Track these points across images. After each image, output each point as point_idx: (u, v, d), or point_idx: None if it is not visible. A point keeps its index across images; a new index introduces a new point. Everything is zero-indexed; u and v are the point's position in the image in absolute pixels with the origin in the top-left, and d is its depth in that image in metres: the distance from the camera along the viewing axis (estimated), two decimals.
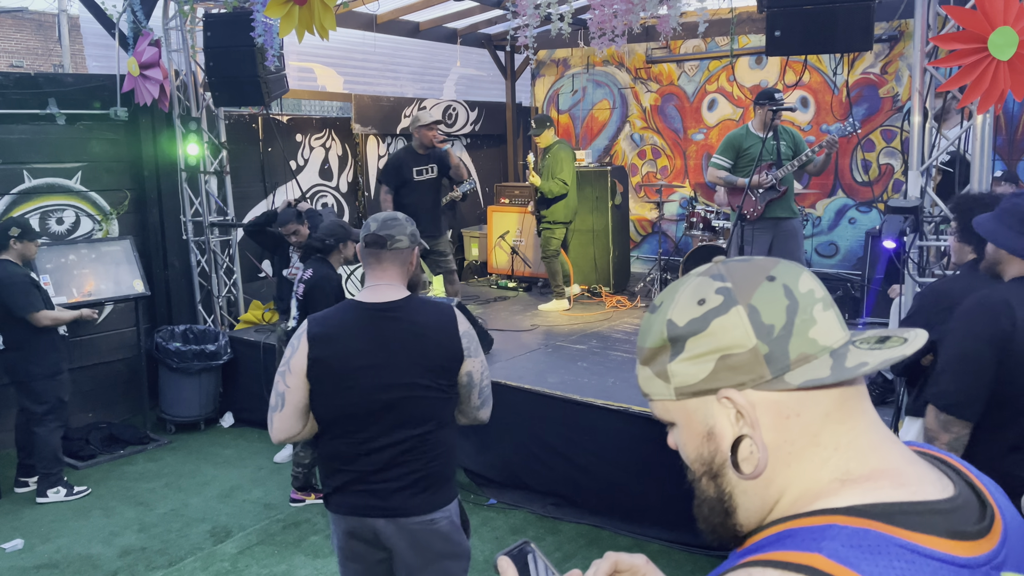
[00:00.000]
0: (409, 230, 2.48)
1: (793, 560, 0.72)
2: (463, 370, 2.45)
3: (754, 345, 0.80)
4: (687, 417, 0.86)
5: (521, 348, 5.86)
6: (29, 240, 4.90)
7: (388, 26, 7.90)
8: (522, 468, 4.83)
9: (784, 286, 0.82)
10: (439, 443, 2.45)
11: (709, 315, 0.81)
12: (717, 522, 0.86)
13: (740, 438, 0.82)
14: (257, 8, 5.03)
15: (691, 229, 7.30)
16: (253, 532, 4.50)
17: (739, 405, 0.81)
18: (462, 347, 2.43)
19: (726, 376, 0.81)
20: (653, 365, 0.87)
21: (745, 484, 0.83)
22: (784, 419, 0.81)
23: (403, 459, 2.41)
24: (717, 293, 0.82)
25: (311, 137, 7.83)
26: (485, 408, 2.56)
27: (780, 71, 7.97)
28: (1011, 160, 6.91)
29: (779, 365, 0.79)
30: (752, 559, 0.77)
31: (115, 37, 6.15)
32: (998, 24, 3.50)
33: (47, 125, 5.91)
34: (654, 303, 0.90)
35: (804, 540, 0.74)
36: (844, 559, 0.70)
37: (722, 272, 0.85)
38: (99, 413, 6.21)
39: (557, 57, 9.53)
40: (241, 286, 6.91)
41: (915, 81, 4.23)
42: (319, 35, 4.38)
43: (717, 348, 0.81)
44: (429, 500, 2.44)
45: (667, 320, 0.84)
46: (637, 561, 1.12)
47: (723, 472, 0.84)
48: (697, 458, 0.87)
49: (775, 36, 4.33)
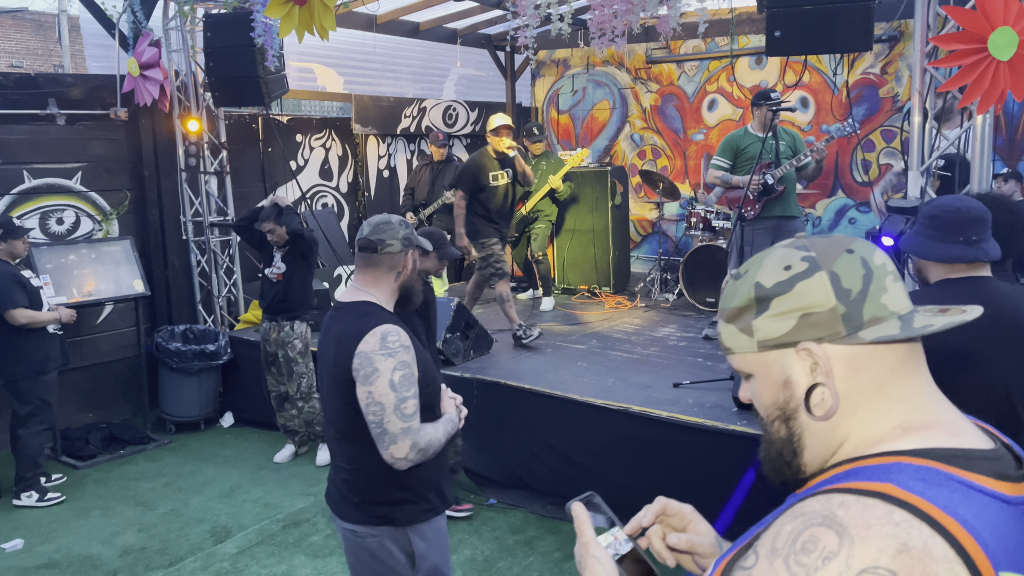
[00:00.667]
0: (402, 234, 2.40)
1: (867, 488, 0.82)
2: (358, 392, 2.25)
3: (833, 305, 0.91)
4: (765, 368, 0.97)
5: (521, 348, 5.86)
6: (14, 238, 4.83)
7: (388, 26, 7.90)
8: (522, 468, 4.83)
9: (861, 258, 0.93)
10: (352, 457, 2.36)
11: (795, 279, 0.93)
12: (785, 461, 0.98)
13: (813, 386, 0.93)
14: (257, 8, 5.03)
15: (691, 229, 7.30)
16: (253, 532, 4.50)
17: (816, 356, 0.92)
18: (351, 367, 2.24)
19: (806, 331, 0.92)
20: (738, 322, 0.98)
21: (815, 426, 0.94)
22: (855, 371, 0.92)
23: (334, 459, 2.48)
24: (802, 260, 0.94)
25: (311, 137, 7.84)
26: (379, 446, 2.24)
27: (780, 71, 7.97)
28: (1011, 160, 6.91)
29: (854, 324, 0.91)
30: (826, 489, 0.86)
31: (115, 37, 6.15)
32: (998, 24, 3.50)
33: (47, 125, 5.91)
34: (739, 271, 1.01)
35: (874, 473, 0.85)
36: (912, 488, 0.80)
37: (806, 244, 0.96)
38: (99, 413, 6.21)
39: (557, 57, 9.53)
40: (241, 286, 6.91)
41: (915, 81, 4.23)
42: (319, 35, 4.38)
43: (800, 307, 0.92)
44: (350, 510, 2.39)
45: (755, 282, 0.96)
46: (685, 509, 1.24)
47: (796, 416, 0.95)
48: (772, 403, 0.98)
49: (775, 36, 4.34)
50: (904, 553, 0.75)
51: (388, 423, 2.21)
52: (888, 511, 0.79)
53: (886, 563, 0.75)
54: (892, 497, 0.80)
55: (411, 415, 2.23)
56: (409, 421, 2.23)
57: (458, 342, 5.46)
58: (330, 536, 4.41)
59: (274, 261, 5.24)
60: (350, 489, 2.38)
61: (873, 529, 0.78)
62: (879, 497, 0.80)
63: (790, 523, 0.83)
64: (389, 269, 2.40)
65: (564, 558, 4.15)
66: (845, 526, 0.79)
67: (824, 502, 0.83)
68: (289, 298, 5.21)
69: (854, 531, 0.78)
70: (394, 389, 2.21)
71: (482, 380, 5.01)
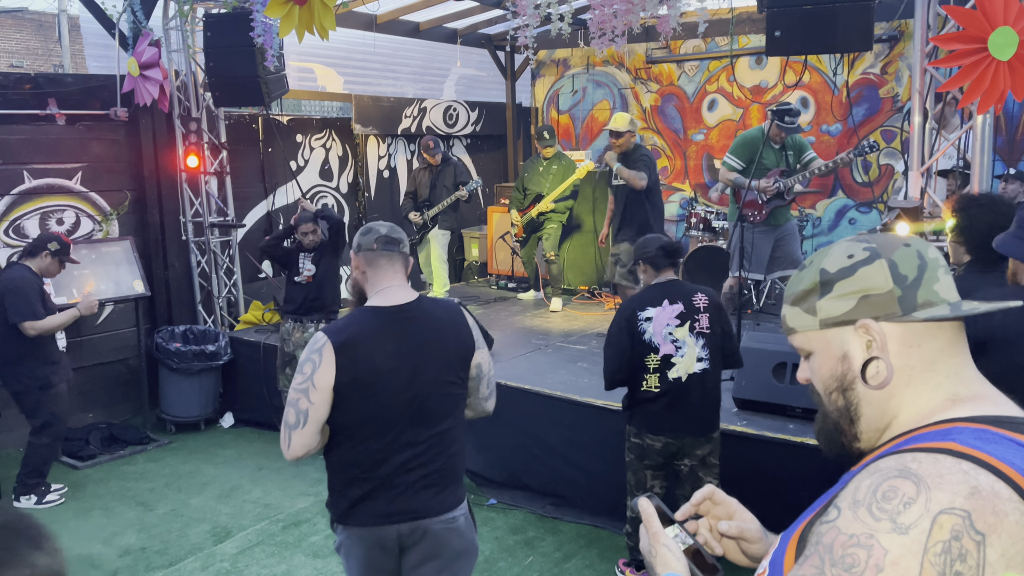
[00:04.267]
0: (405, 236, 2.58)
1: (934, 446, 0.92)
2: (474, 361, 2.50)
3: (891, 288, 1.03)
4: (825, 344, 1.09)
5: (521, 348, 5.86)
6: (60, 260, 4.86)
7: (388, 26, 7.90)
8: (522, 468, 4.83)
9: (917, 251, 1.06)
10: (456, 439, 2.49)
11: (856, 265, 1.06)
12: (842, 429, 1.08)
13: (869, 360, 1.04)
14: (257, 8, 5.03)
15: (691, 229, 7.30)
16: (253, 532, 4.50)
17: (873, 331, 1.03)
18: (473, 339, 2.50)
19: (865, 310, 1.04)
20: (803, 304, 1.10)
21: (871, 395, 1.05)
22: (908, 347, 1.03)
23: (424, 459, 2.40)
24: (864, 250, 1.07)
25: (311, 137, 7.83)
26: (492, 398, 2.61)
27: (780, 71, 7.97)
28: (1011, 160, 6.91)
29: (908, 305, 1.03)
30: (896, 451, 0.95)
31: (115, 37, 6.15)
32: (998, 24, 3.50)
33: (47, 125, 5.90)
34: (803, 263, 1.14)
35: (935, 436, 0.95)
36: (973, 445, 0.90)
37: (867, 238, 1.09)
38: (99, 413, 6.21)
39: (557, 57, 9.53)
40: (241, 286, 6.91)
41: (915, 81, 4.23)
42: (319, 35, 4.38)
43: (860, 289, 1.05)
44: (449, 499, 2.46)
45: (820, 268, 1.08)
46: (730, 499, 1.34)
47: (853, 387, 1.06)
48: (831, 376, 1.08)
49: (775, 36, 4.34)
50: (975, 495, 0.85)
51: (494, 380, 2.61)
52: (956, 462, 0.88)
53: (960, 503, 0.84)
54: (957, 452, 0.90)
55: None
56: None
57: None
58: (330, 536, 4.40)
59: (303, 265, 5.41)
60: (451, 473, 2.47)
61: (945, 477, 0.87)
62: (946, 453, 0.90)
63: (868, 479, 0.92)
64: (405, 266, 2.54)
65: (564, 558, 4.15)
66: (920, 476, 0.88)
67: (897, 459, 0.92)
68: (323, 296, 5.46)
69: (929, 479, 0.87)
70: None
71: None
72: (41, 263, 4.81)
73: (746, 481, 4.01)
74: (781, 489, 3.83)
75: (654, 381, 3.57)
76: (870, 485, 0.91)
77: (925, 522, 0.85)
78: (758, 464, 4.01)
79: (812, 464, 3.74)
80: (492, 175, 9.54)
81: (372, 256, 2.44)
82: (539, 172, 7.18)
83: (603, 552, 4.22)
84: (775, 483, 3.88)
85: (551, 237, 7.19)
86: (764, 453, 4.01)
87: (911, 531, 0.85)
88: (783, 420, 4.20)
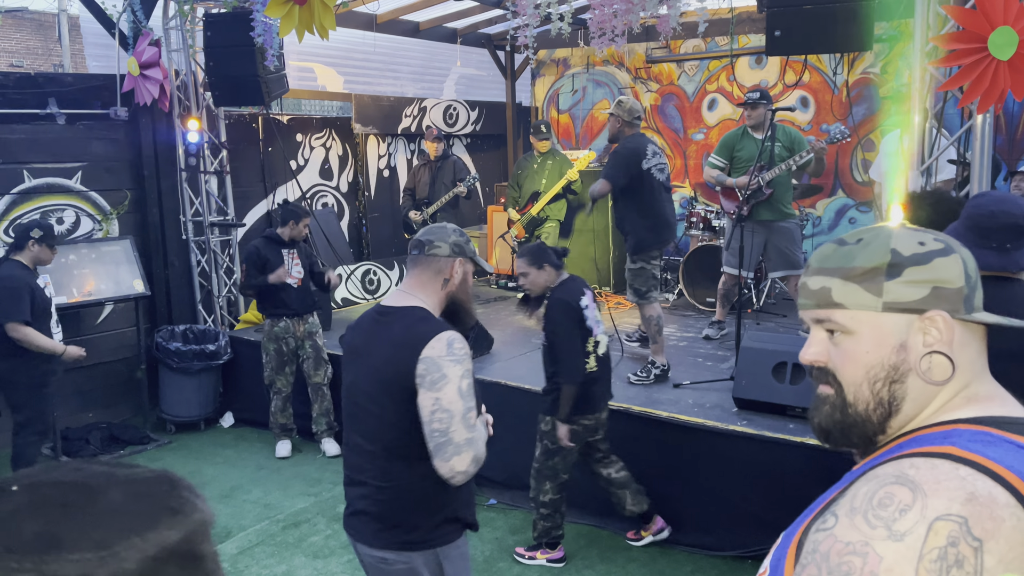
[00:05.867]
0: (452, 239, 2.31)
1: (932, 451, 0.92)
2: (418, 400, 2.14)
3: (961, 286, 1.02)
4: (877, 329, 1.03)
5: (521, 348, 5.86)
6: (48, 245, 4.72)
7: (388, 26, 7.90)
8: (522, 468, 4.81)
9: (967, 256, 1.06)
10: (392, 475, 2.20)
11: (932, 254, 1.02)
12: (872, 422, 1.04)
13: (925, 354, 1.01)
14: (257, 8, 5.03)
15: (691, 229, 7.29)
16: (253, 532, 4.50)
17: (944, 325, 1.01)
18: (415, 371, 2.12)
19: (936, 302, 1.01)
20: (864, 282, 1.03)
21: (921, 389, 1.02)
22: (963, 347, 1.03)
23: (361, 477, 2.27)
24: (937, 240, 1.04)
25: (311, 137, 7.83)
26: (440, 457, 2.11)
27: (780, 71, 7.97)
28: (1011, 160, 6.90)
29: (970, 305, 1.03)
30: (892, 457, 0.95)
31: (115, 37, 6.15)
32: (998, 24, 3.50)
33: (47, 125, 5.90)
34: (844, 238, 1.09)
35: (935, 439, 0.96)
36: (971, 448, 0.91)
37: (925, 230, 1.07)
38: (99, 413, 6.20)
39: (557, 57, 9.52)
40: None
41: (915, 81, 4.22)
42: (319, 35, 4.38)
43: (935, 279, 1.01)
44: (379, 535, 2.22)
45: (891, 248, 1.03)
46: None
47: (905, 379, 1.02)
48: (879, 364, 1.03)
49: (775, 36, 4.34)
50: (972, 501, 0.85)
51: (454, 432, 2.10)
52: (954, 467, 0.88)
53: (957, 509, 0.84)
54: (956, 456, 0.90)
55: (474, 425, 2.16)
56: (473, 432, 2.14)
57: None
58: (330, 536, 4.41)
59: (291, 270, 5.51)
60: (385, 511, 2.22)
61: (942, 483, 0.87)
62: (944, 457, 0.90)
63: (865, 485, 0.92)
64: (435, 274, 2.30)
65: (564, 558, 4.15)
66: (917, 482, 0.88)
67: (895, 466, 0.92)
68: (311, 293, 5.64)
69: (925, 486, 0.87)
70: (462, 397, 2.13)
71: (482, 380, 4.99)
72: (30, 254, 4.68)
73: (746, 481, 4.02)
74: (781, 489, 3.83)
75: (592, 362, 3.92)
76: (867, 492, 0.90)
77: (921, 528, 0.84)
78: (758, 464, 4.01)
79: (812, 464, 3.74)
80: (492, 174, 9.54)
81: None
82: (534, 169, 7.18)
83: (603, 552, 4.22)
84: (775, 483, 3.89)
85: (551, 236, 7.19)
86: (764, 453, 4.01)
87: (906, 538, 0.84)
88: (783, 420, 4.20)
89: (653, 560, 4.11)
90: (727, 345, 5.83)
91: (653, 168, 5.10)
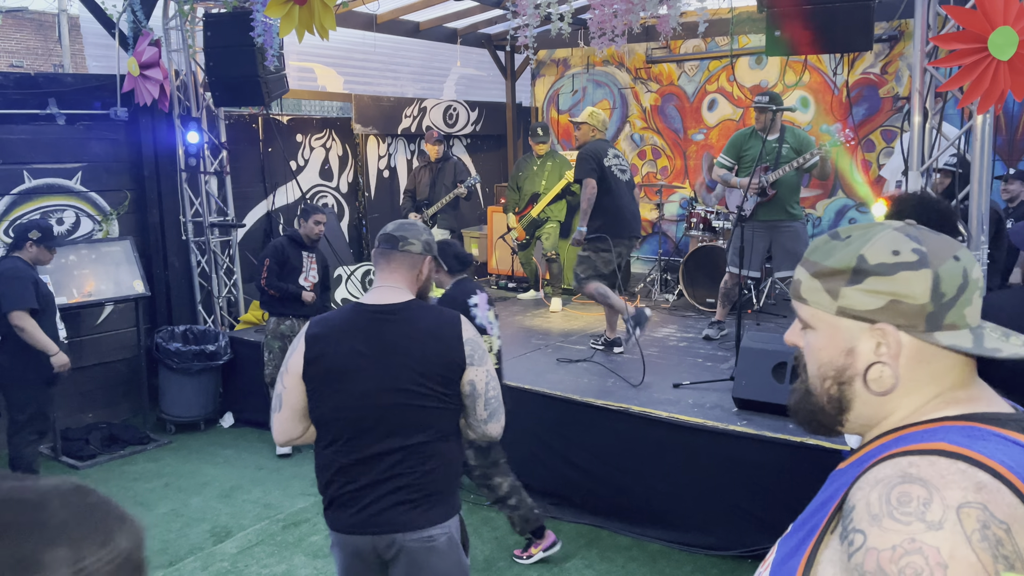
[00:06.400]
0: (424, 237, 2.39)
1: (925, 448, 0.92)
2: (465, 379, 2.33)
3: (925, 303, 0.98)
4: (832, 330, 1.04)
5: (521, 348, 5.86)
6: (46, 246, 4.74)
7: (388, 26, 7.90)
8: (522, 468, 4.81)
9: (964, 268, 0.99)
10: (436, 455, 2.33)
11: (900, 266, 0.99)
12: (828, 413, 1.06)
13: (873, 363, 1.01)
14: (257, 8, 5.03)
15: (691, 229, 7.30)
16: (253, 532, 4.50)
17: (890, 338, 0.99)
18: (464, 354, 2.31)
19: (890, 315, 0.99)
20: (826, 282, 1.04)
21: (867, 396, 1.03)
22: (919, 363, 1.00)
23: (398, 470, 2.29)
24: (913, 252, 0.99)
25: (311, 137, 7.83)
26: (493, 422, 2.40)
27: (780, 71, 7.96)
28: (1011, 160, 6.90)
29: (934, 323, 0.98)
30: (884, 456, 0.94)
31: (115, 37, 6.15)
32: (998, 24, 3.50)
33: (47, 125, 5.90)
34: (838, 232, 1.07)
35: (924, 436, 0.95)
36: (961, 443, 0.90)
37: (918, 236, 1.01)
38: (99, 413, 6.20)
39: (557, 57, 9.52)
40: (241, 286, 6.91)
41: (915, 81, 4.22)
42: (319, 35, 4.38)
43: (895, 292, 0.99)
44: (425, 515, 2.32)
45: (859, 254, 1.01)
46: None
47: (851, 383, 1.03)
48: (830, 364, 1.05)
49: (775, 36, 4.33)
50: (983, 489, 0.85)
51: (499, 400, 2.41)
52: (951, 462, 0.88)
53: (973, 497, 0.84)
54: (949, 452, 0.90)
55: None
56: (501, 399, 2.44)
57: None
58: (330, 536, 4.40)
59: (309, 274, 5.60)
60: (433, 491, 2.32)
61: (947, 477, 0.87)
62: (938, 453, 0.90)
63: (872, 491, 0.90)
64: (410, 269, 2.38)
65: (564, 558, 4.15)
66: (925, 479, 0.87)
67: (893, 466, 0.91)
68: (321, 297, 5.75)
69: (932, 480, 0.87)
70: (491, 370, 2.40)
71: None
72: (29, 254, 4.71)
73: (746, 481, 4.02)
74: (781, 489, 3.83)
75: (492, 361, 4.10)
76: (879, 496, 0.88)
77: (951, 515, 0.83)
78: (758, 464, 4.01)
79: (812, 464, 3.74)
80: (492, 175, 9.54)
81: (374, 254, 2.44)
82: (533, 171, 7.19)
83: (603, 552, 4.22)
84: (775, 483, 3.89)
85: (551, 236, 7.20)
86: (764, 453, 4.01)
87: (945, 524, 0.83)
88: (783, 420, 4.20)
89: (653, 560, 4.11)
90: (727, 345, 5.83)
91: (614, 167, 5.58)
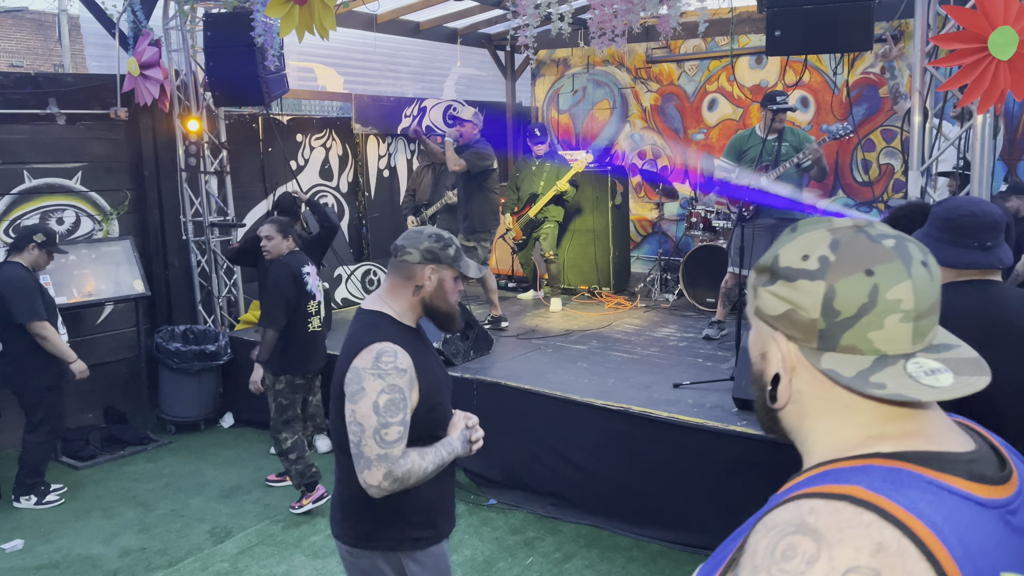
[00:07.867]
0: (424, 246, 2.26)
1: (835, 491, 0.83)
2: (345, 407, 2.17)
3: (816, 318, 0.89)
4: (757, 330, 0.99)
5: (521, 348, 5.86)
6: (48, 251, 4.82)
7: (388, 26, 7.90)
8: (522, 468, 4.83)
9: (875, 286, 0.87)
10: (345, 471, 2.24)
11: (801, 273, 0.91)
12: (764, 420, 1.02)
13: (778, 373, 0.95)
14: (257, 8, 5.03)
15: (691, 229, 7.30)
16: (253, 532, 4.50)
17: (783, 351, 0.93)
18: (344, 380, 2.16)
19: (786, 325, 0.93)
20: (756, 279, 0.98)
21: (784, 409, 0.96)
22: (820, 381, 0.92)
23: (336, 470, 2.35)
24: (819, 260, 0.90)
25: (311, 137, 7.83)
26: (356, 466, 2.12)
27: (780, 71, 7.97)
28: (1011, 160, 6.90)
29: (827, 343, 0.90)
30: (797, 494, 0.86)
31: (115, 37, 6.15)
32: (998, 24, 3.50)
33: (47, 125, 5.90)
34: (797, 225, 0.98)
35: (843, 475, 0.85)
36: (879, 489, 0.81)
37: (840, 242, 0.91)
38: (99, 413, 6.20)
39: (557, 57, 9.52)
40: (241, 286, 6.91)
41: (915, 81, 4.23)
42: (319, 35, 4.38)
43: (792, 301, 0.92)
44: (344, 530, 2.31)
45: (776, 254, 0.95)
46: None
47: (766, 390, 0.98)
48: (754, 365, 1.00)
49: (775, 36, 4.33)
50: (881, 552, 0.76)
51: (365, 446, 2.08)
52: (857, 513, 0.79)
53: (866, 561, 0.76)
54: (859, 499, 0.80)
55: (392, 442, 2.09)
56: (388, 448, 2.08)
57: (458, 342, 5.46)
58: (330, 536, 4.40)
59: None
60: (344, 506, 2.31)
61: (846, 532, 0.78)
62: (847, 500, 0.81)
63: (764, 537, 0.83)
64: (406, 279, 2.28)
65: (564, 558, 4.15)
66: (819, 531, 0.79)
67: (794, 510, 0.83)
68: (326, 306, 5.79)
69: (828, 535, 0.78)
70: (377, 412, 2.08)
71: (482, 380, 5.01)
72: (30, 257, 4.76)
73: (746, 481, 4.02)
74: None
75: (317, 322, 4.82)
76: (767, 546, 0.82)
77: None
78: (758, 464, 4.01)
79: None
80: None
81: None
82: (531, 171, 7.18)
83: (603, 552, 4.22)
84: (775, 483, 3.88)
85: (549, 237, 7.20)
86: (764, 453, 4.01)
87: None
88: None
89: (653, 560, 4.11)
90: (727, 345, 5.83)
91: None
